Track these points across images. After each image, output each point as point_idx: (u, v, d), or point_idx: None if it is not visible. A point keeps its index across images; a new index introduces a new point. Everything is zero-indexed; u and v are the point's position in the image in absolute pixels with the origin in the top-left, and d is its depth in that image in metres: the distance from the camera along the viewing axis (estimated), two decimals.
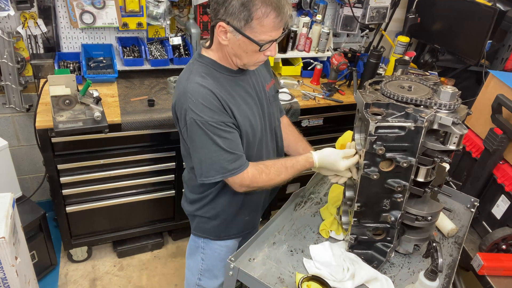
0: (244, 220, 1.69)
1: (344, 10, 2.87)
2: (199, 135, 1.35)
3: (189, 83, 1.35)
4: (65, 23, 2.36)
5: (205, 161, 1.39)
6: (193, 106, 1.32)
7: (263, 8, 1.24)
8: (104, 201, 2.35)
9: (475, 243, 1.97)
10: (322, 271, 1.39)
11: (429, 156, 1.32)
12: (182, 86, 1.37)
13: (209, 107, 1.33)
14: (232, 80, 1.43)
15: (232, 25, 1.27)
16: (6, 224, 1.58)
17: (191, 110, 1.33)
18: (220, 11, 1.27)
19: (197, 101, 1.32)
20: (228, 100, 1.38)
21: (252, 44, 1.30)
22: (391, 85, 1.39)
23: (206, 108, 1.32)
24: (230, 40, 1.32)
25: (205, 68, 1.40)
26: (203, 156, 1.39)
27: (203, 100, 1.32)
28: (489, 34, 2.53)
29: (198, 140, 1.36)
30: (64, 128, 1.91)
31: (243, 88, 1.47)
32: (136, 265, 2.62)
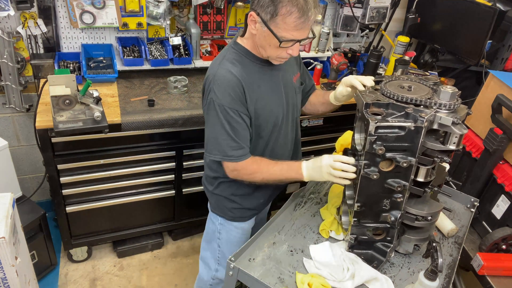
0: (259, 202, 1.77)
1: (344, 10, 2.87)
2: (213, 115, 1.46)
3: (220, 68, 1.46)
4: (65, 23, 2.36)
5: (211, 139, 1.51)
6: (217, 89, 1.43)
7: (288, 7, 1.31)
8: (104, 201, 2.35)
9: (475, 243, 1.97)
10: (322, 271, 1.39)
11: (429, 156, 1.32)
12: (214, 69, 1.48)
13: (231, 93, 1.43)
14: (261, 69, 1.53)
15: (260, 16, 1.36)
16: (6, 224, 1.58)
17: (213, 92, 1.44)
18: (254, 1, 1.37)
19: (222, 85, 1.43)
20: (252, 90, 1.48)
21: (274, 38, 1.37)
22: (391, 85, 1.39)
23: (227, 94, 1.43)
24: (258, 30, 1.40)
25: (237, 55, 1.50)
26: (211, 135, 1.51)
27: (228, 86, 1.43)
28: (489, 34, 2.53)
29: (212, 119, 1.48)
30: (64, 128, 1.91)
31: (271, 77, 1.56)
32: (136, 265, 2.62)
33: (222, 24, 2.70)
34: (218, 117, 1.45)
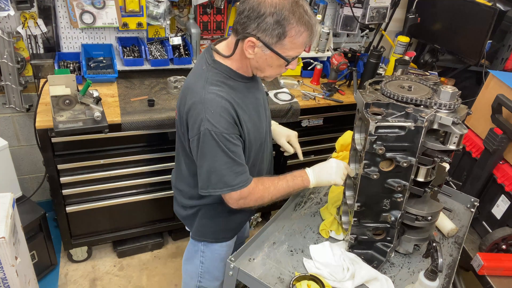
0: (242, 219, 1.71)
1: (344, 10, 2.87)
2: (211, 146, 1.33)
3: (207, 93, 1.33)
4: (65, 23, 2.36)
5: (213, 174, 1.37)
6: (210, 117, 1.30)
7: (298, 27, 1.26)
8: (104, 201, 2.35)
9: (475, 243, 1.97)
10: (322, 271, 1.39)
11: (429, 156, 1.32)
12: (199, 95, 1.33)
13: (226, 118, 1.32)
14: (245, 87, 1.44)
15: (262, 40, 1.28)
16: (6, 224, 1.58)
17: (207, 121, 1.30)
18: (251, 26, 1.27)
19: (215, 112, 1.31)
20: (241, 110, 1.38)
21: (279, 59, 1.32)
22: (391, 85, 1.39)
23: (223, 119, 1.32)
24: (257, 54, 1.32)
25: (220, 76, 1.38)
26: (211, 168, 1.36)
27: (222, 111, 1.32)
28: (489, 34, 2.53)
29: (210, 151, 1.34)
30: (64, 128, 1.91)
31: (254, 94, 1.48)
32: (136, 265, 2.62)
33: (222, 24, 2.71)
34: (219, 147, 1.32)
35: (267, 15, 1.23)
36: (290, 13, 1.24)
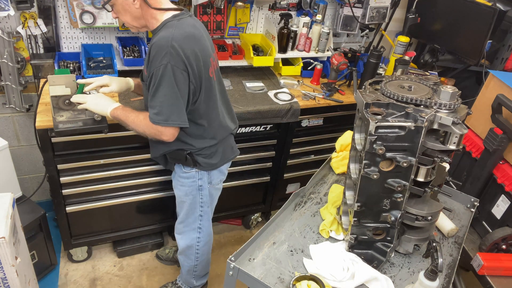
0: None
1: (344, 10, 2.87)
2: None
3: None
4: (65, 23, 2.36)
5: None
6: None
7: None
8: (104, 201, 2.35)
9: (475, 243, 1.97)
10: (322, 271, 1.39)
11: (429, 156, 1.32)
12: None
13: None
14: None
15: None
16: (6, 224, 1.58)
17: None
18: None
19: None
20: None
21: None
22: (391, 85, 1.39)
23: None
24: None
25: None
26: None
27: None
28: (489, 34, 2.53)
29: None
30: (64, 128, 1.91)
31: None
32: (136, 265, 2.62)
33: (222, 24, 2.70)
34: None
35: None
36: None
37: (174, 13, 1.67)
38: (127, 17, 1.68)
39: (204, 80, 1.68)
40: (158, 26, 1.66)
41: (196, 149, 1.80)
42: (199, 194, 1.93)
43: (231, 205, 2.75)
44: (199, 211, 1.98)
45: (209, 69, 1.71)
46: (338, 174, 1.93)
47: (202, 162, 1.83)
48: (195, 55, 1.61)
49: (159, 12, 1.66)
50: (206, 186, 1.92)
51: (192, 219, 2.01)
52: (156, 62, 1.56)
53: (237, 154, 2.00)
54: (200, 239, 2.07)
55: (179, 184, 1.93)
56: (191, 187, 1.90)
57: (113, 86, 1.89)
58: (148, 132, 1.67)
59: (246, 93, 2.47)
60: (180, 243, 2.11)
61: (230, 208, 2.77)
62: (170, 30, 1.59)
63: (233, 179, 2.60)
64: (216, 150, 1.85)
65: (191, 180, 1.88)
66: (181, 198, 1.97)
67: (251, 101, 2.39)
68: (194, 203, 1.95)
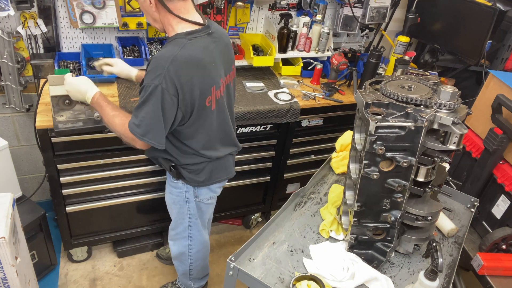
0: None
1: (344, 10, 2.87)
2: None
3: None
4: (65, 23, 2.36)
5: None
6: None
7: None
8: (104, 201, 2.35)
9: (475, 243, 1.97)
10: (322, 271, 1.39)
11: (429, 156, 1.32)
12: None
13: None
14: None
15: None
16: (6, 224, 1.58)
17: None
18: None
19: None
20: None
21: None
22: (391, 85, 1.39)
23: None
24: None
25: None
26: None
27: None
28: (489, 34, 2.53)
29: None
30: (64, 128, 1.91)
31: None
32: (136, 265, 2.62)
33: (222, 24, 2.70)
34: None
35: None
36: None
37: (191, 28, 1.57)
38: (148, 18, 1.65)
39: (197, 109, 1.59)
40: (170, 37, 1.59)
41: (181, 163, 1.75)
42: (186, 206, 1.89)
43: (231, 205, 2.75)
44: (187, 222, 1.94)
45: (207, 98, 1.60)
46: (338, 174, 1.93)
47: (186, 176, 1.77)
48: (191, 84, 1.52)
49: (177, 21, 1.57)
50: (193, 199, 1.86)
51: (181, 228, 1.98)
52: (149, 78, 1.49)
53: (231, 176, 1.92)
54: (192, 246, 2.04)
55: (168, 191, 1.93)
56: (178, 197, 1.87)
57: (115, 68, 1.98)
58: (123, 135, 1.62)
59: (246, 93, 2.47)
60: (173, 249, 2.10)
61: (230, 208, 2.77)
62: (175, 49, 1.50)
63: (233, 179, 2.58)
64: (203, 168, 1.77)
65: (178, 190, 1.85)
66: (170, 204, 1.97)
67: (251, 101, 2.39)
68: (181, 213, 1.92)
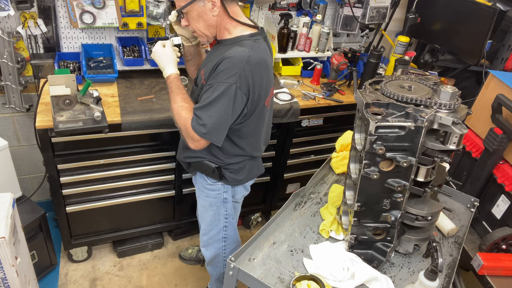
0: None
1: (344, 10, 2.87)
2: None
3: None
4: (65, 23, 2.36)
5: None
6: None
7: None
8: (104, 201, 2.35)
9: (475, 243, 1.97)
10: (322, 271, 1.39)
11: (429, 156, 1.32)
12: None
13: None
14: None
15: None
16: (6, 224, 1.58)
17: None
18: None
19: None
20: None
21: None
22: (391, 85, 1.39)
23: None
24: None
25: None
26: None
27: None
28: (489, 34, 2.53)
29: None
30: (64, 128, 1.91)
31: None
32: (136, 265, 2.62)
33: None
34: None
35: None
36: None
37: (251, 31, 1.62)
38: (200, 24, 1.60)
39: (258, 108, 1.64)
40: (229, 39, 1.62)
41: (225, 164, 1.76)
42: (223, 207, 1.88)
43: None
44: (223, 223, 1.93)
45: (267, 98, 1.67)
46: (338, 174, 1.93)
47: (228, 177, 1.79)
48: (260, 84, 1.58)
49: (235, 24, 1.61)
50: (230, 199, 1.88)
51: (216, 231, 1.95)
52: (222, 77, 1.51)
53: (262, 172, 1.94)
54: (225, 247, 2.02)
55: (203, 195, 1.88)
56: (215, 199, 1.86)
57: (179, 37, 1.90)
58: (183, 130, 1.62)
59: None
60: (206, 254, 2.05)
61: None
62: (246, 50, 1.53)
63: None
64: (243, 166, 1.80)
65: (216, 192, 1.84)
66: (205, 208, 1.91)
67: None
68: (218, 214, 1.90)
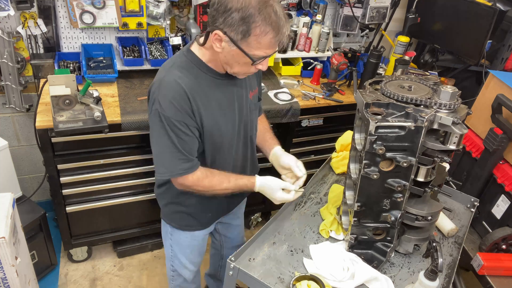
0: (207, 216, 1.71)
1: (344, 10, 2.87)
2: (159, 128, 1.36)
3: (168, 75, 1.35)
4: (65, 23, 2.36)
5: (158, 156, 1.42)
6: (162, 100, 1.33)
7: (263, 27, 1.23)
8: (104, 201, 2.35)
9: (475, 243, 1.97)
10: (322, 271, 1.39)
11: (429, 156, 1.32)
12: (162, 75, 1.37)
13: (176, 106, 1.33)
14: (214, 82, 1.42)
15: (229, 35, 1.26)
16: (6, 224, 1.58)
17: (158, 102, 1.33)
18: (218, 19, 1.25)
19: (167, 96, 1.33)
20: (200, 103, 1.38)
21: (245, 57, 1.30)
22: (391, 85, 1.39)
23: (173, 106, 1.33)
24: (224, 49, 1.31)
25: (187, 64, 1.39)
26: (156, 150, 1.41)
27: (173, 98, 1.33)
28: (489, 34, 2.53)
29: (157, 132, 1.38)
30: (64, 128, 1.91)
31: (224, 92, 1.45)
32: (136, 265, 2.62)
33: None
34: (165, 130, 1.35)
35: (233, 11, 1.22)
36: (256, 11, 1.22)
37: None
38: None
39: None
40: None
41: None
42: None
43: None
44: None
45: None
46: (338, 174, 1.93)
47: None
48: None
49: None
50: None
51: None
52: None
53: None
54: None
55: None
56: None
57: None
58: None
59: None
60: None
61: None
62: None
63: None
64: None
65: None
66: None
67: None
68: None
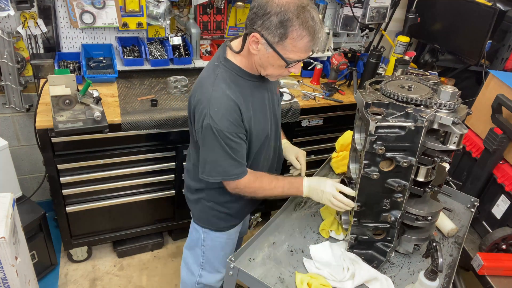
0: (244, 211, 1.77)
1: (344, 10, 2.87)
2: (211, 140, 1.41)
3: (215, 91, 1.40)
4: (65, 23, 2.36)
5: (210, 163, 1.47)
6: (214, 114, 1.38)
7: (300, 31, 1.28)
8: (104, 201, 2.35)
9: (475, 243, 1.97)
10: (322, 271, 1.39)
11: (429, 156, 1.32)
12: (207, 91, 1.41)
13: (229, 119, 1.39)
14: (253, 85, 1.49)
15: (265, 38, 1.31)
16: (6, 224, 1.58)
17: (210, 117, 1.38)
18: (257, 22, 1.31)
19: (219, 110, 1.38)
20: (247, 110, 1.44)
21: (280, 60, 1.35)
22: (391, 85, 1.39)
23: (225, 119, 1.38)
24: (260, 51, 1.36)
25: (230, 75, 1.44)
26: (209, 158, 1.46)
27: (226, 111, 1.38)
28: (489, 34, 2.53)
29: (209, 143, 1.43)
30: (64, 128, 1.91)
31: (261, 93, 1.53)
32: (136, 265, 2.62)
33: (222, 24, 2.71)
34: (218, 142, 1.40)
35: (272, 14, 1.28)
36: (294, 16, 1.27)
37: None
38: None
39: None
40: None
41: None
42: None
43: None
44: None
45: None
46: (338, 174, 1.93)
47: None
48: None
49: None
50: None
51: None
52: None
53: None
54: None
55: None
56: None
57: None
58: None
59: None
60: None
61: None
62: None
63: None
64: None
65: None
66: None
67: None
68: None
